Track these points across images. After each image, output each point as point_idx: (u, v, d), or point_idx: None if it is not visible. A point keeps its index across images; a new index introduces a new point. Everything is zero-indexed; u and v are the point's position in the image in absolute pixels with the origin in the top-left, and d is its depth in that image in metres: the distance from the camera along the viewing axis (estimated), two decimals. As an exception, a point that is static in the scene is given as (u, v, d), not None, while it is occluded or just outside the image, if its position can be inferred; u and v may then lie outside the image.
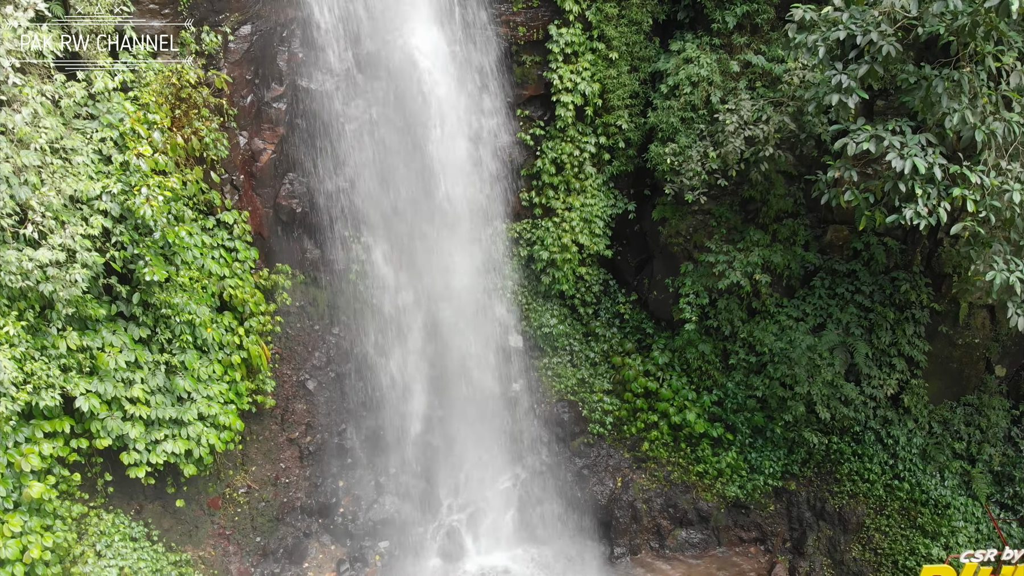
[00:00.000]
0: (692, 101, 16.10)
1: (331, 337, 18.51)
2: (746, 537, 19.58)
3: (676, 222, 17.81)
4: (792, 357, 17.55)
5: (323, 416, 18.41)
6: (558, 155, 17.40)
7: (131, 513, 15.12)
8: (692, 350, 18.76)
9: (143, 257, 12.23)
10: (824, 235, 17.98)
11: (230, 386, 15.31)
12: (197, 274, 13.78)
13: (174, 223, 12.69)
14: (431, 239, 17.93)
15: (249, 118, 14.94)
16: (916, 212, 12.26)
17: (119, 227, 11.98)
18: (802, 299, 18.24)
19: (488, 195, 17.83)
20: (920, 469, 17.76)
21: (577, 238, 18.31)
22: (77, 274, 11.18)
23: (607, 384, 19.66)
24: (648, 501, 19.19)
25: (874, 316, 17.56)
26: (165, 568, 15.27)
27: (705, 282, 17.95)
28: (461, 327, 18.83)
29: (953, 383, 18.05)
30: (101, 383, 12.70)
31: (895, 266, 17.53)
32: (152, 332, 13.52)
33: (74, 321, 12.42)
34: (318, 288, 17.89)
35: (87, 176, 11.52)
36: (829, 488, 18.46)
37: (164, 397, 13.83)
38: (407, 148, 16.56)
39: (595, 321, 19.98)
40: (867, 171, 14.34)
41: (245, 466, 17.20)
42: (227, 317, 15.05)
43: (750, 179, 16.79)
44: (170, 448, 13.97)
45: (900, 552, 17.37)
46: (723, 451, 18.96)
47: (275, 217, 16.06)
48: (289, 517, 18.23)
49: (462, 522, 19.35)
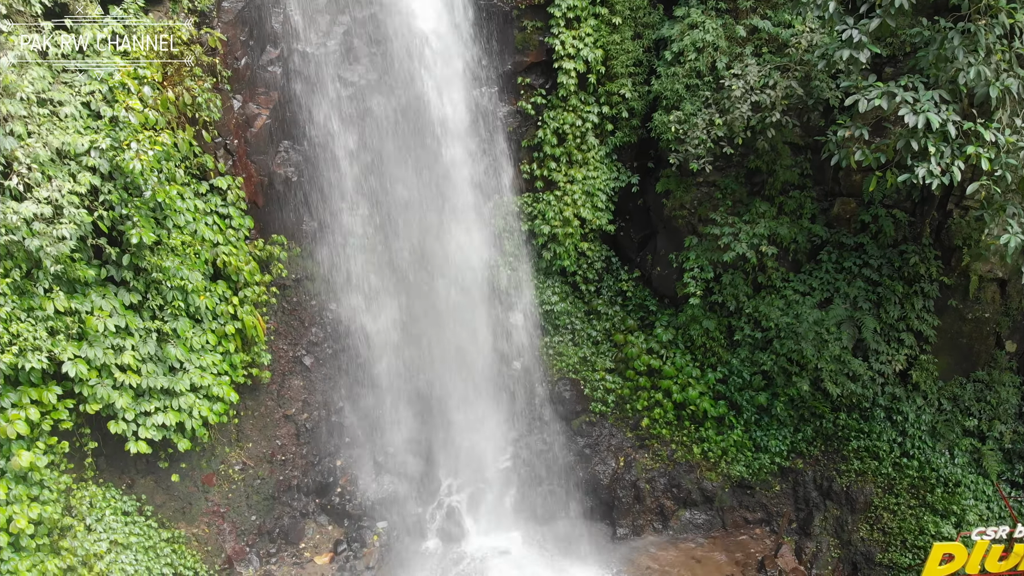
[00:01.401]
0: (697, 67, 15.75)
1: (328, 313, 18.12)
2: (751, 518, 19.20)
3: (680, 194, 17.45)
4: (799, 332, 17.19)
5: (320, 393, 18.04)
6: (560, 125, 17.03)
7: (122, 487, 14.74)
8: (696, 327, 18.39)
9: (132, 217, 11.86)
10: (831, 208, 17.61)
11: (224, 357, 14.93)
12: (190, 239, 13.40)
13: (165, 183, 12.31)
14: (430, 213, 17.55)
15: (243, 81, 14.58)
16: (929, 171, 11.91)
17: (108, 185, 11.61)
18: (809, 273, 17.88)
19: (488, 167, 17.47)
20: (929, 447, 17.38)
21: (579, 212, 17.94)
22: (64, 230, 10.82)
23: (609, 363, 19.29)
24: (651, 481, 18.81)
25: (882, 290, 17.19)
26: (158, 544, 14.89)
27: (710, 256, 17.58)
28: (461, 304, 18.47)
29: (963, 359, 17.67)
30: (90, 348, 12.33)
31: (904, 239, 17.16)
32: (143, 298, 13.14)
33: (62, 283, 12.04)
34: (315, 262, 17.51)
35: (75, 130, 11.16)
36: (836, 467, 18.08)
37: (155, 366, 13.44)
38: (404, 117, 16.19)
39: (597, 299, 19.62)
40: (873, 141, 14.01)
41: (240, 442, 16.83)
42: (221, 286, 14.67)
43: (756, 149, 16.45)
44: (162, 420, 13.59)
45: (909, 531, 16.99)
46: (728, 430, 18.58)
47: (270, 185, 15.69)
48: (285, 496, 17.85)
49: (462, 502, 18.99)
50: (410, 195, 17.27)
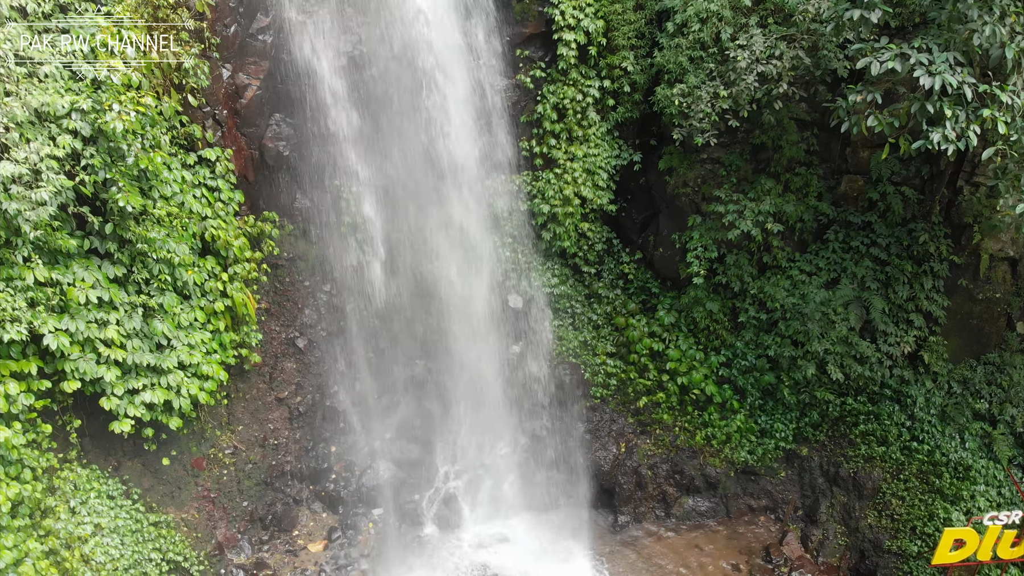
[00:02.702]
0: (701, 39, 15.30)
1: (322, 294, 17.67)
2: (756, 505, 18.75)
3: (684, 171, 17.00)
4: (805, 313, 16.75)
5: (314, 376, 17.58)
6: (560, 100, 16.58)
7: (108, 470, 14.26)
8: (699, 309, 17.94)
9: (116, 183, 11.40)
10: (838, 186, 17.17)
11: (214, 336, 14.47)
12: (176, 210, 12.94)
13: (149, 150, 11.85)
14: (426, 191, 17.10)
15: (232, 50, 14.12)
16: (944, 136, 11.48)
17: (89, 149, 11.15)
18: (815, 253, 17.44)
19: (486, 144, 17.01)
20: (939, 431, 16.93)
21: (580, 191, 17.49)
22: (44, 193, 10.36)
23: (610, 347, 18.83)
24: (653, 467, 18.36)
25: (891, 270, 16.75)
26: (146, 528, 14.42)
27: (714, 235, 17.14)
28: (458, 286, 18.01)
29: (973, 340, 17.23)
30: (72, 321, 11.86)
31: (912, 217, 16.73)
32: (128, 271, 12.68)
33: (43, 254, 11.59)
34: (308, 242, 17.07)
35: (55, 91, 10.70)
36: (843, 452, 17.63)
37: (141, 342, 12.97)
38: (399, 91, 15.74)
39: (598, 282, 19.17)
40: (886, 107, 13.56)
41: (231, 425, 16.36)
42: (210, 262, 14.21)
43: (762, 124, 16.02)
44: (149, 398, 13.11)
45: (918, 517, 16.51)
46: (731, 414, 18.12)
47: (261, 160, 15.23)
48: (278, 482, 17.39)
49: (459, 489, 18.52)
50: (406, 173, 16.82)
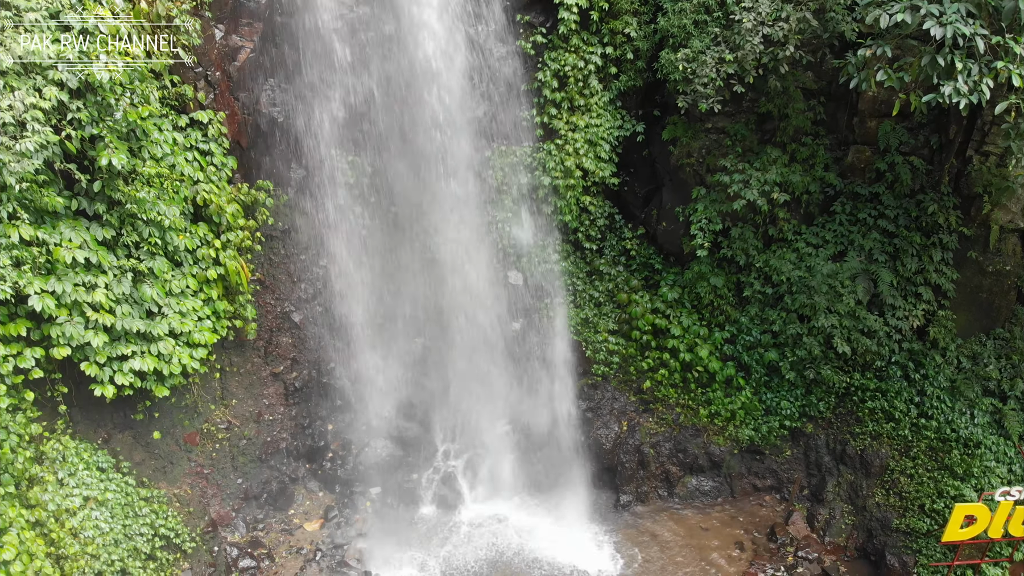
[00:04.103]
0: (706, 2, 14.96)
1: (318, 269, 17.30)
2: (760, 485, 18.39)
3: (688, 141, 16.66)
4: (811, 286, 16.40)
5: (310, 352, 17.22)
6: (561, 67, 16.23)
7: (97, 442, 13.91)
8: (703, 284, 17.58)
9: (103, 138, 11.06)
10: (845, 157, 16.84)
11: (206, 304, 14.11)
12: (167, 171, 12.59)
13: (138, 105, 11.51)
14: (424, 163, 16.73)
15: (225, 10, 13.77)
16: (956, 89, 11.14)
17: (76, 103, 10.80)
18: (821, 226, 17.11)
19: (485, 113, 16.66)
20: (948, 407, 16.56)
21: (581, 162, 17.14)
22: (29, 143, 10.01)
23: (612, 324, 18.47)
24: (656, 446, 18.00)
25: (899, 241, 16.41)
26: (136, 503, 14.04)
27: (718, 207, 16.79)
28: (457, 262, 17.64)
29: (983, 315, 16.89)
30: (59, 283, 11.51)
31: (921, 188, 16.39)
32: (117, 234, 12.33)
33: (30, 213, 11.23)
34: (303, 214, 16.69)
35: (41, 40, 10.36)
36: (850, 429, 17.27)
37: (131, 308, 12.61)
38: (397, 56, 15.39)
39: (599, 259, 18.80)
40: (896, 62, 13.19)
41: (225, 400, 16.01)
42: (202, 228, 13.86)
43: (767, 91, 15.68)
44: (138, 366, 12.74)
45: (927, 495, 16.15)
46: (736, 392, 17.77)
47: (255, 125, 14.88)
48: (274, 460, 17.04)
49: (458, 468, 18.19)
50: (403, 142, 16.45)
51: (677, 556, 16.78)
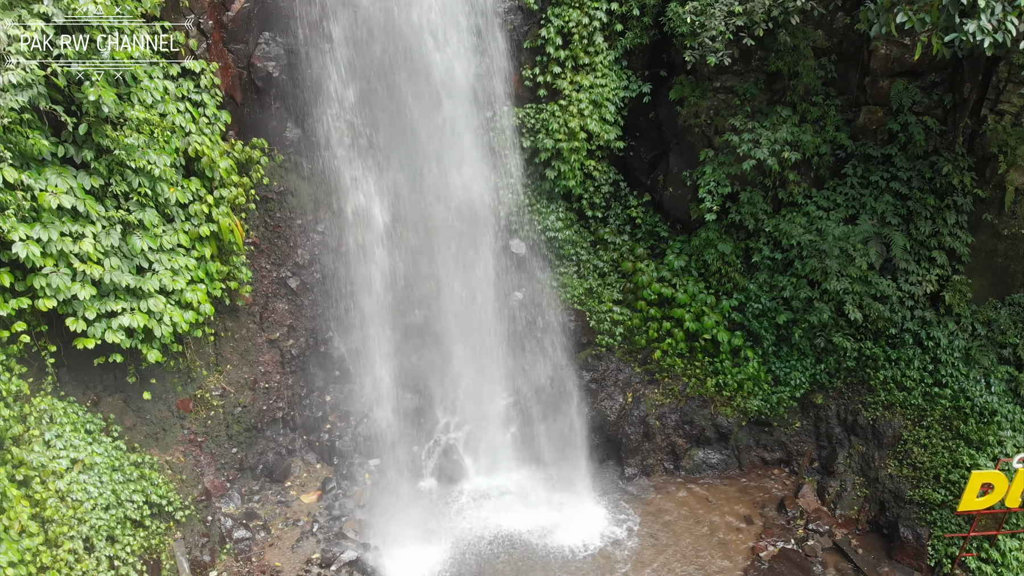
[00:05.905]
0: (714, -46, 14.52)
1: (316, 235, 16.85)
2: (769, 458, 17.94)
3: (696, 101, 16.21)
4: (822, 249, 15.96)
5: (307, 319, 16.76)
6: (565, 23, 15.78)
7: (87, 404, 13.43)
8: (711, 251, 17.13)
9: (90, 77, 10.59)
10: (856, 118, 16.39)
11: (199, 263, 13.64)
12: (158, 119, 12.12)
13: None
14: (423, 124, 16.25)
15: (219, -44, 13.35)
16: (979, 27, 10.69)
17: (63, 39, 10.35)
18: (833, 189, 16.65)
19: (486, 71, 16.19)
20: (963, 375, 16.11)
21: (586, 124, 16.68)
22: (12, 75, 9.55)
23: (617, 294, 18.02)
24: (661, 417, 17.54)
25: (912, 204, 15.96)
26: (126, 468, 13.55)
27: (727, 170, 16.34)
28: (457, 229, 17.16)
29: (998, 280, 16.43)
30: (44, 230, 11.03)
31: (935, 149, 15.94)
32: (106, 183, 11.86)
33: (14, 156, 10.77)
34: (300, 176, 16.25)
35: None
36: (862, 399, 16.82)
37: (120, 261, 12.14)
38: (393, 12, 14.91)
39: (604, 228, 18.36)
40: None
41: (219, 366, 15.54)
42: (194, 183, 13.38)
43: (777, 47, 15.24)
44: (127, 322, 12.26)
45: (942, 465, 15.67)
46: (744, 361, 17.31)
47: (249, 80, 14.42)
48: (270, 430, 16.59)
49: (459, 440, 17.71)
50: (400, 102, 15.97)
51: (683, 530, 16.31)
